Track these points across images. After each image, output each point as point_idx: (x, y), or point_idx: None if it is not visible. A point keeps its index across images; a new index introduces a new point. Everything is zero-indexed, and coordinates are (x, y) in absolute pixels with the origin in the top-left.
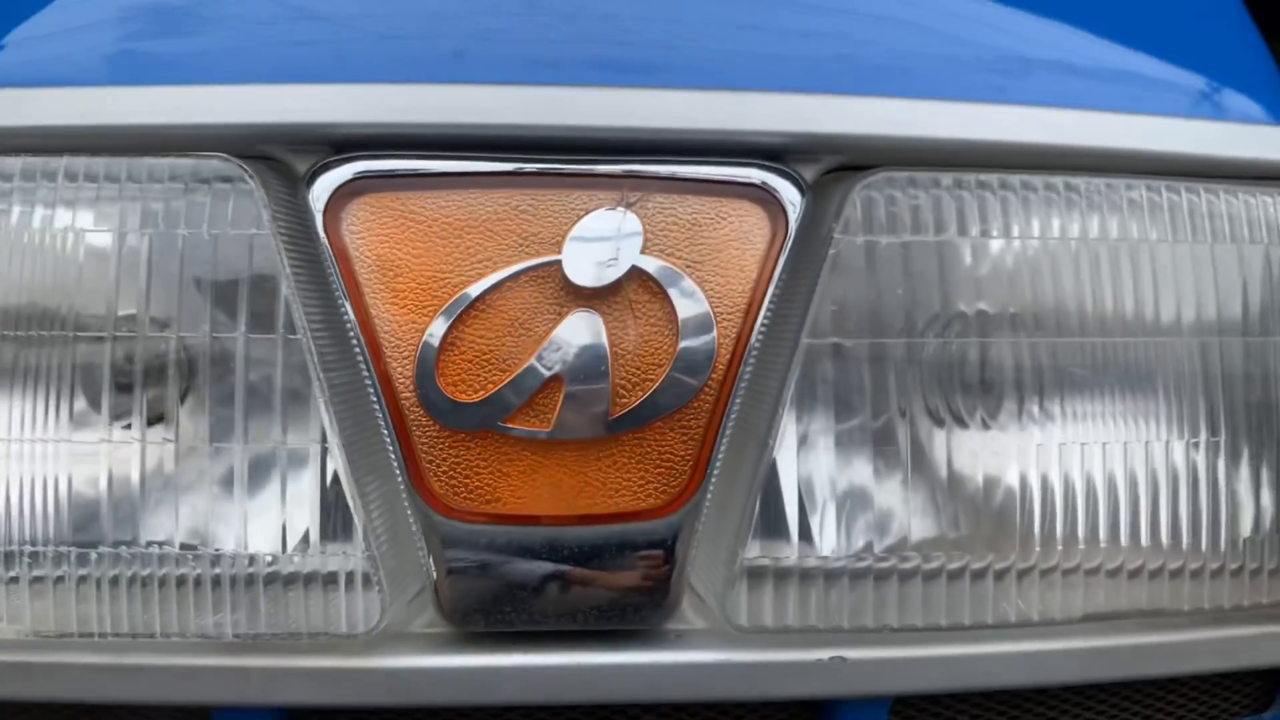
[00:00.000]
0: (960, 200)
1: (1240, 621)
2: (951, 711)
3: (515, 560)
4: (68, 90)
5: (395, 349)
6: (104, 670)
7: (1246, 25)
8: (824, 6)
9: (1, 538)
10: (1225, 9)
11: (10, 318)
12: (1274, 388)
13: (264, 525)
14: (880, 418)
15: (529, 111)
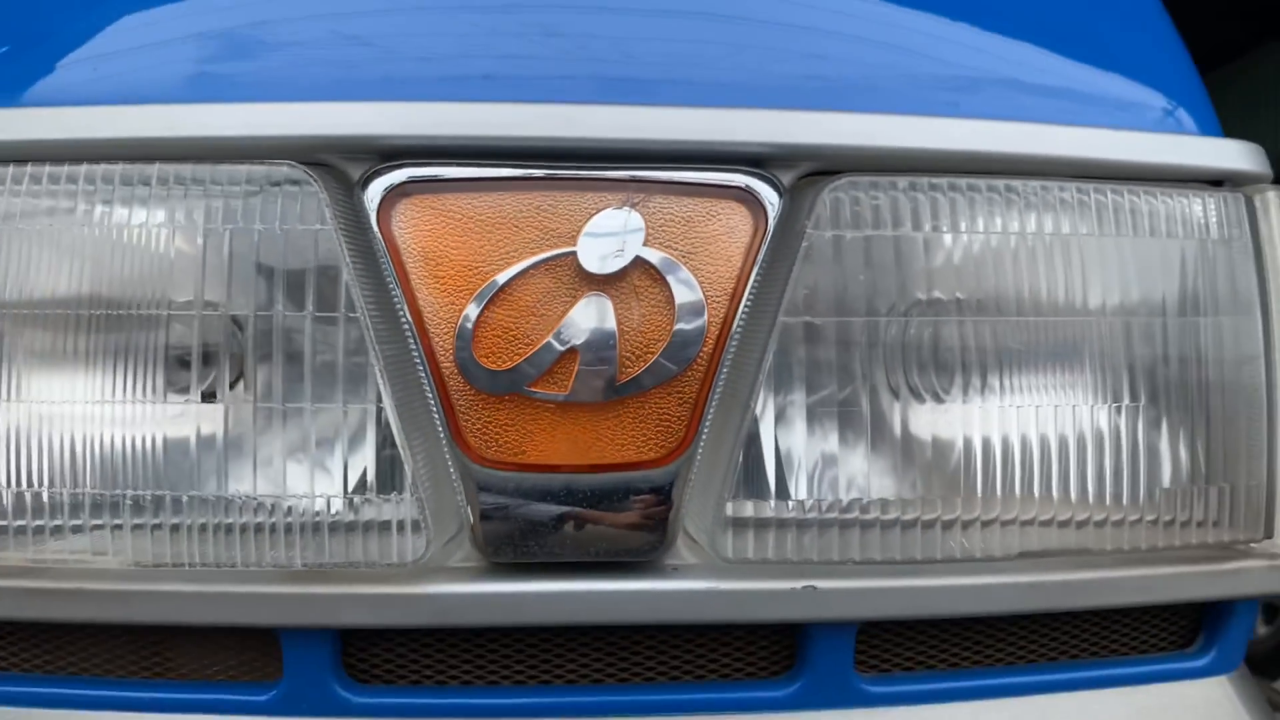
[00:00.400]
0: (915, 201)
1: (1158, 563)
2: (912, 637)
3: (538, 503)
4: (157, 107)
5: (438, 326)
6: (190, 596)
7: (1174, 43)
8: (801, 27)
9: (107, 486)
10: (1156, 30)
11: (114, 300)
12: (1189, 361)
13: (328, 474)
14: (846, 388)
15: (548, 125)
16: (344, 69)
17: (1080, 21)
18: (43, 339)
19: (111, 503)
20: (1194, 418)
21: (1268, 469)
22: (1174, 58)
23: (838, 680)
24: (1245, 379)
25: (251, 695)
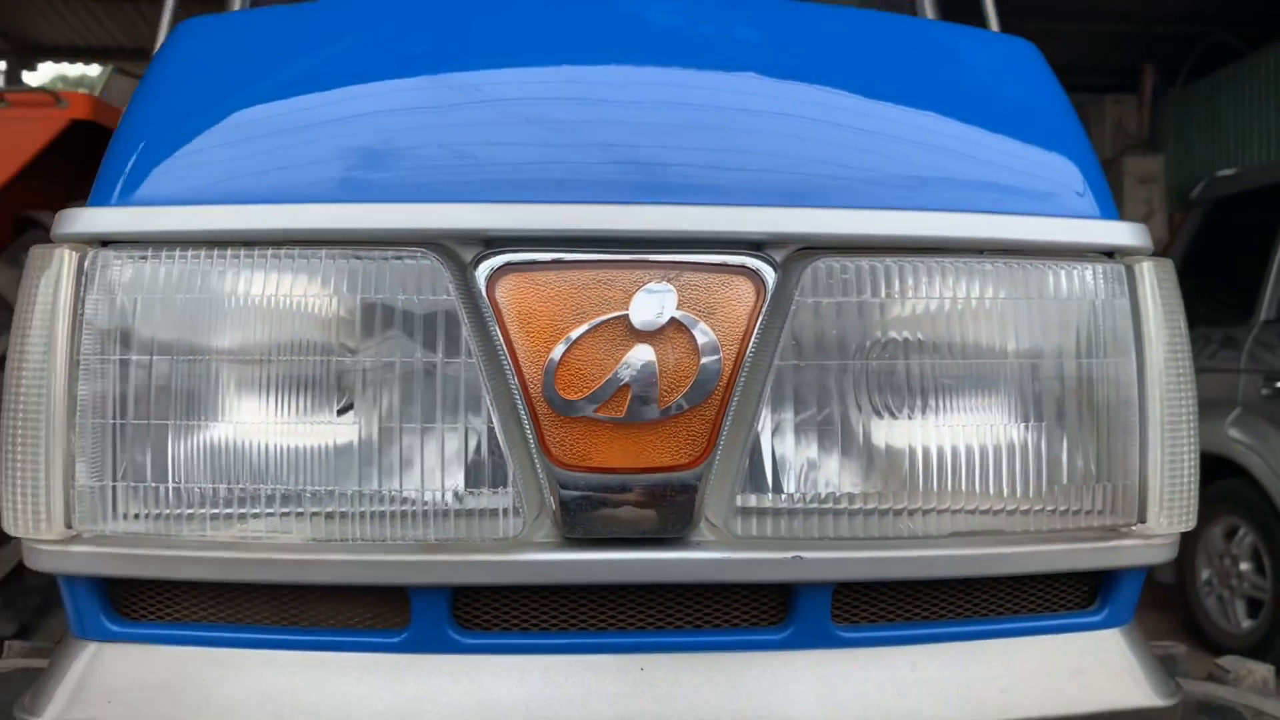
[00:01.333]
0: (874, 273)
1: (1058, 541)
2: (874, 596)
3: (601, 495)
4: (325, 206)
5: (530, 367)
6: (350, 564)
7: (1083, 144)
8: (791, 140)
9: (291, 483)
10: (1067, 134)
11: (288, 346)
12: (1081, 391)
13: (452, 474)
14: (824, 411)
15: (605, 220)
16: (456, 175)
17: (1008, 130)
18: (241, 373)
19: (295, 495)
20: (1085, 433)
21: (1140, 471)
22: (1081, 156)
23: (819, 628)
24: (1123, 404)
25: (386, 638)
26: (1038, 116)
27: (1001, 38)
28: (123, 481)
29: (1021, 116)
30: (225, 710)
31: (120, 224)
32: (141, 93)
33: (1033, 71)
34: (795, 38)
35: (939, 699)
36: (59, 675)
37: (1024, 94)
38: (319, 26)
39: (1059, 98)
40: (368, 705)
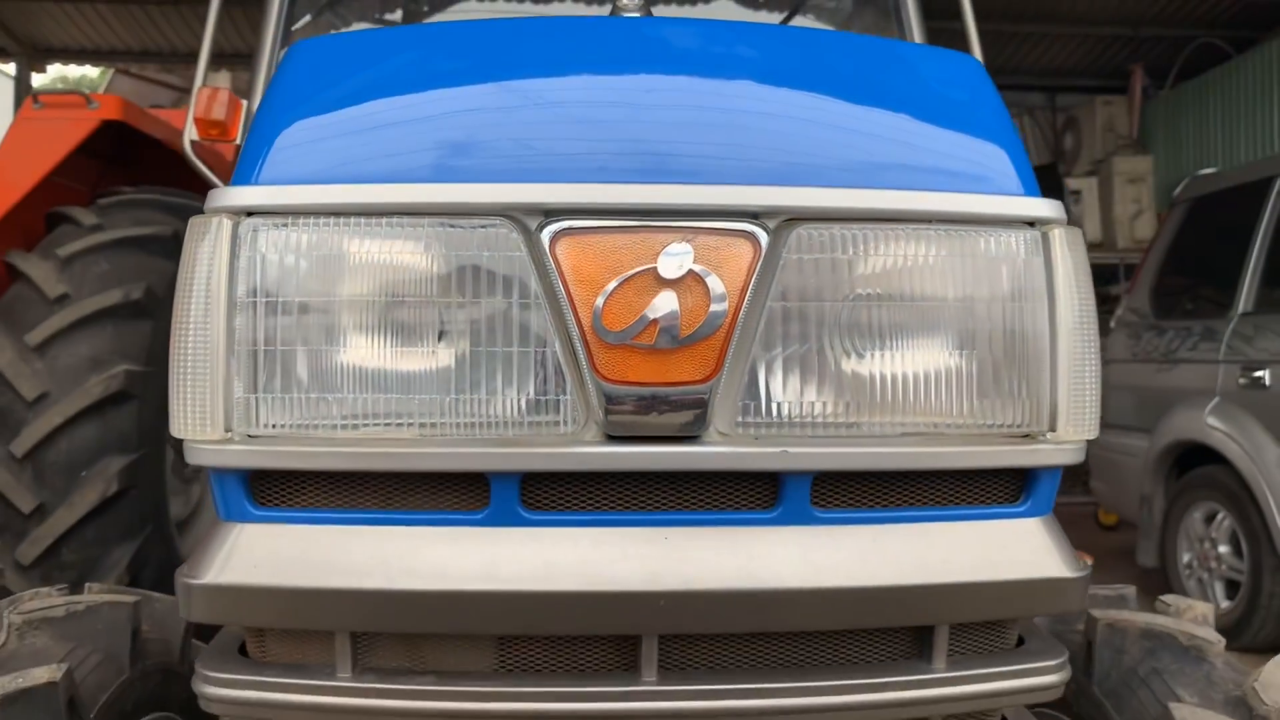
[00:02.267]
0: (845, 237)
1: (986, 443)
2: (843, 485)
3: (635, 403)
4: (424, 185)
5: (583, 307)
6: (448, 455)
7: (1012, 137)
8: (783, 135)
9: (405, 391)
10: (1000, 128)
11: (396, 292)
12: (1007, 327)
13: (525, 386)
14: (805, 344)
15: (639, 196)
16: (523, 162)
17: (953, 127)
18: (359, 313)
19: (403, 403)
20: (1008, 361)
21: (1050, 391)
22: (1011, 148)
23: (801, 510)
24: (1038, 339)
25: (470, 516)
26: (977, 117)
27: (951, 54)
28: (268, 394)
29: (964, 117)
30: (345, 571)
31: (262, 199)
32: (269, 96)
33: (975, 81)
34: (784, 55)
35: (893, 565)
36: (213, 549)
37: (967, 99)
38: (407, 45)
39: (995, 102)
40: (457, 565)
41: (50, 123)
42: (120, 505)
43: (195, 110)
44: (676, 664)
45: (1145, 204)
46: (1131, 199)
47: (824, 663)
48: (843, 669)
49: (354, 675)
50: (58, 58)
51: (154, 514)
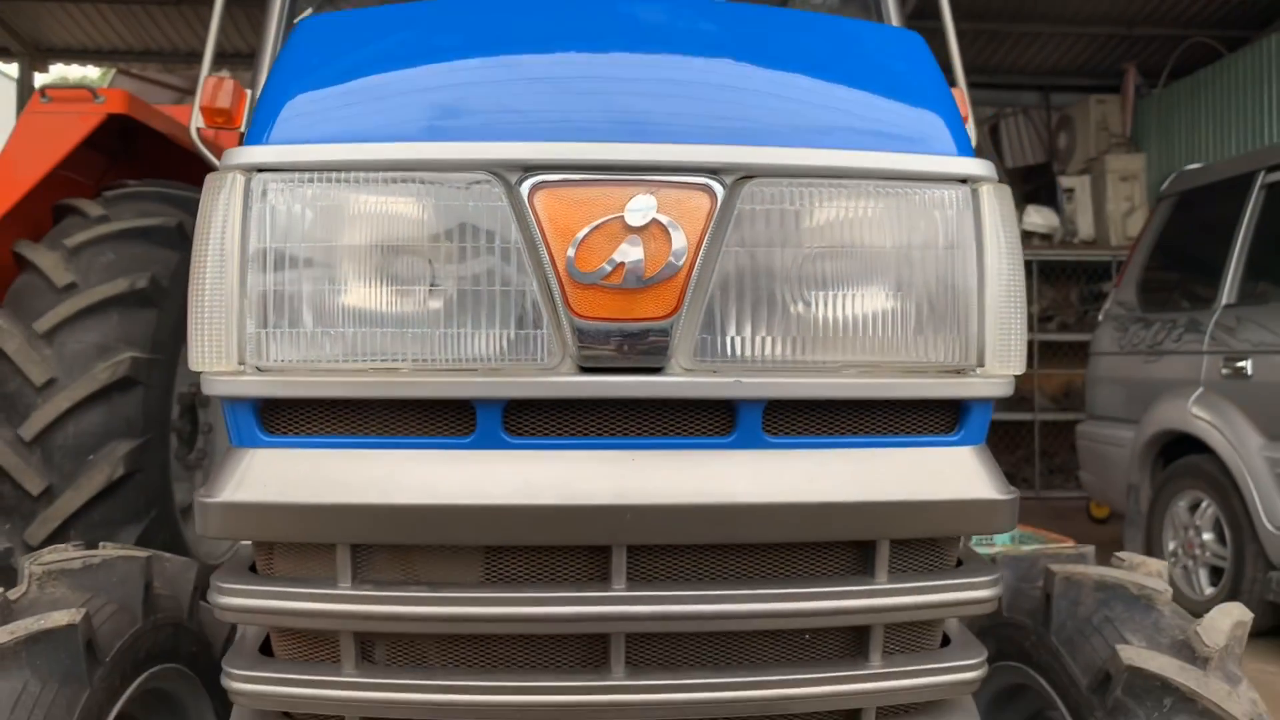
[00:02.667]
0: (794, 192)
1: (922, 376)
2: (791, 412)
3: (605, 338)
4: (416, 144)
5: (558, 252)
6: (439, 384)
7: (950, 105)
8: (738, 103)
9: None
10: (939, 97)
11: (392, 239)
12: (940, 272)
13: (506, 322)
14: (757, 284)
15: (609, 154)
16: (505, 123)
17: (895, 95)
18: (358, 259)
19: (399, 337)
20: (941, 303)
21: (979, 330)
22: (948, 114)
23: (754, 435)
24: (967, 282)
25: (459, 441)
26: (916, 85)
27: (895, 30)
28: (277, 331)
29: (904, 85)
30: (346, 488)
31: (270, 156)
32: (278, 66)
33: (915, 54)
34: (742, 28)
35: (837, 484)
36: (227, 472)
37: (907, 69)
38: (401, 21)
39: (934, 73)
40: (446, 483)
41: (58, 116)
42: (126, 489)
43: (202, 99)
44: (643, 575)
45: (1138, 201)
46: (1124, 196)
47: (775, 575)
48: (792, 581)
49: (353, 586)
50: (60, 57)
51: (159, 498)
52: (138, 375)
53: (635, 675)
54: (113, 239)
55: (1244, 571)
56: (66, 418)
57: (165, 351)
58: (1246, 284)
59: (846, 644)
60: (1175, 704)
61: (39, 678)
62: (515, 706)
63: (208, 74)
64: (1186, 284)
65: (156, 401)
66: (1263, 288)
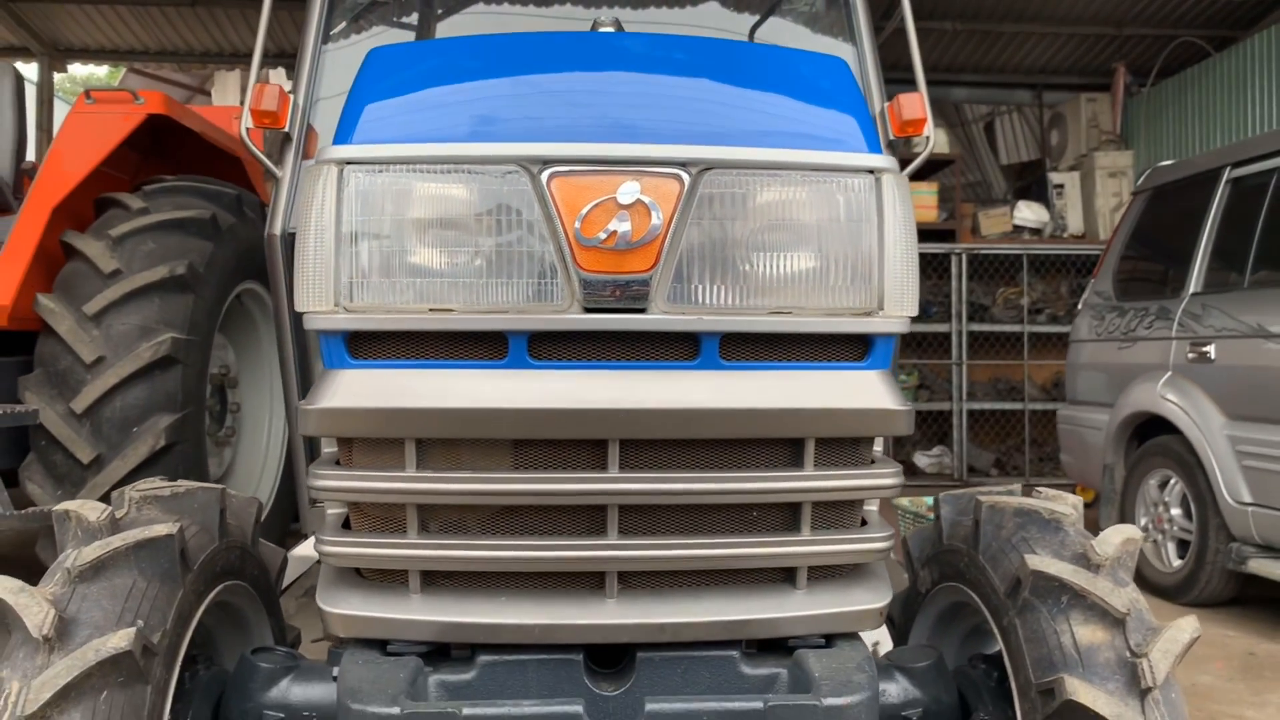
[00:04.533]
0: (743, 181)
1: (837, 316)
2: (739, 344)
3: (603, 286)
4: (461, 144)
5: (568, 224)
6: (480, 319)
7: (864, 112)
8: (701, 111)
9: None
10: (857, 107)
11: (446, 213)
12: (849, 239)
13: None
14: (715, 248)
15: (606, 152)
16: (530, 128)
17: (820, 106)
18: (421, 229)
19: (452, 284)
20: (851, 262)
21: (879, 281)
22: (863, 121)
23: (713, 360)
24: (871, 246)
25: (496, 363)
26: (838, 100)
27: (822, 56)
28: (361, 281)
29: (828, 100)
30: (414, 393)
31: (356, 153)
32: (357, 84)
33: (838, 74)
34: (707, 57)
35: (775, 396)
36: (322, 387)
37: (832, 88)
38: (450, 51)
39: (853, 89)
40: (487, 392)
41: (102, 117)
42: (167, 458)
43: (250, 102)
44: (632, 464)
45: (1126, 197)
46: (1112, 192)
47: (730, 465)
48: (742, 468)
49: (416, 471)
50: (77, 57)
51: (196, 468)
52: (177, 354)
53: (625, 538)
54: (152, 229)
55: (1208, 544)
56: (113, 393)
57: (200, 333)
58: (1212, 273)
59: (784, 519)
60: (1070, 600)
61: (144, 576)
62: (534, 560)
63: (255, 80)
64: (1158, 274)
65: (193, 379)
66: (1226, 277)
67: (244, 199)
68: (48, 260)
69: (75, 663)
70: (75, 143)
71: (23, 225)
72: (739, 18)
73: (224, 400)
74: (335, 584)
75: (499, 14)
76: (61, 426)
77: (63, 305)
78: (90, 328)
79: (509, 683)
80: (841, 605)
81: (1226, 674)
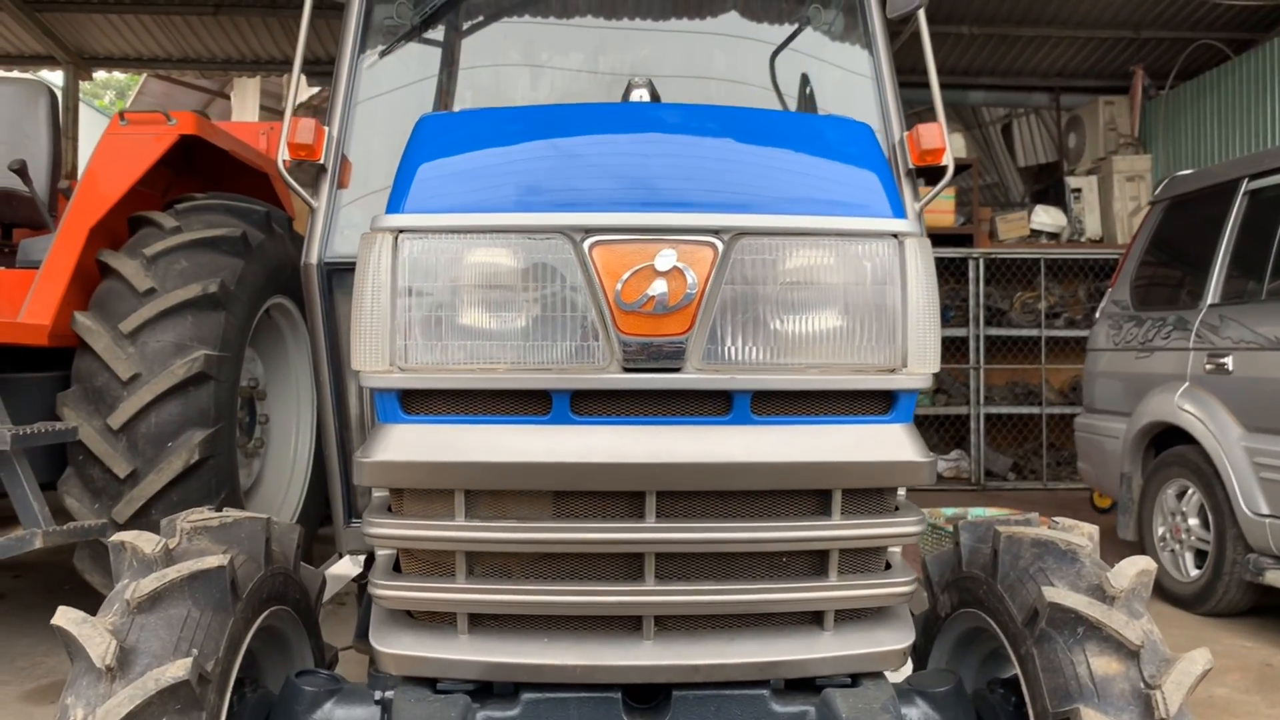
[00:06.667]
0: (774, 246)
1: (866, 374)
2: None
3: (644, 348)
4: (509, 214)
5: (608, 289)
6: (524, 378)
7: (889, 179)
8: (734, 179)
9: (497, 343)
10: (882, 173)
11: (493, 279)
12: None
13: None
14: (749, 313)
15: (644, 220)
16: (572, 199)
17: (847, 173)
18: (470, 293)
19: (499, 348)
20: (876, 323)
21: (902, 340)
22: (888, 186)
23: (745, 416)
24: (894, 306)
25: (540, 418)
26: (863, 165)
27: (848, 122)
28: (413, 342)
29: (853, 165)
30: (463, 448)
31: (409, 222)
32: (408, 154)
33: (863, 140)
34: (737, 127)
35: (806, 447)
36: (377, 441)
37: (856, 152)
38: (495, 122)
39: (877, 154)
40: (532, 446)
41: (136, 138)
42: (201, 472)
43: (287, 136)
44: (668, 514)
45: (1144, 201)
46: (1130, 196)
47: (761, 514)
48: (772, 518)
49: (465, 520)
50: (102, 65)
51: (228, 480)
52: (210, 370)
53: (661, 583)
54: (185, 248)
55: (1225, 554)
56: (149, 409)
57: (232, 349)
58: (1229, 285)
59: (813, 564)
60: (1086, 631)
61: (198, 606)
62: (576, 605)
63: (291, 113)
64: (1176, 284)
65: (225, 394)
66: (1244, 288)
67: (273, 215)
68: (84, 277)
69: (136, 692)
70: (110, 164)
71: (60, 246)
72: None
73: (253, 412)
74: (387, 624)
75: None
76: (98, 442)
77: (99, 323)
78: (126, 345)
79: (552, 719)
80: (867, 646)
81: (1243, 686)
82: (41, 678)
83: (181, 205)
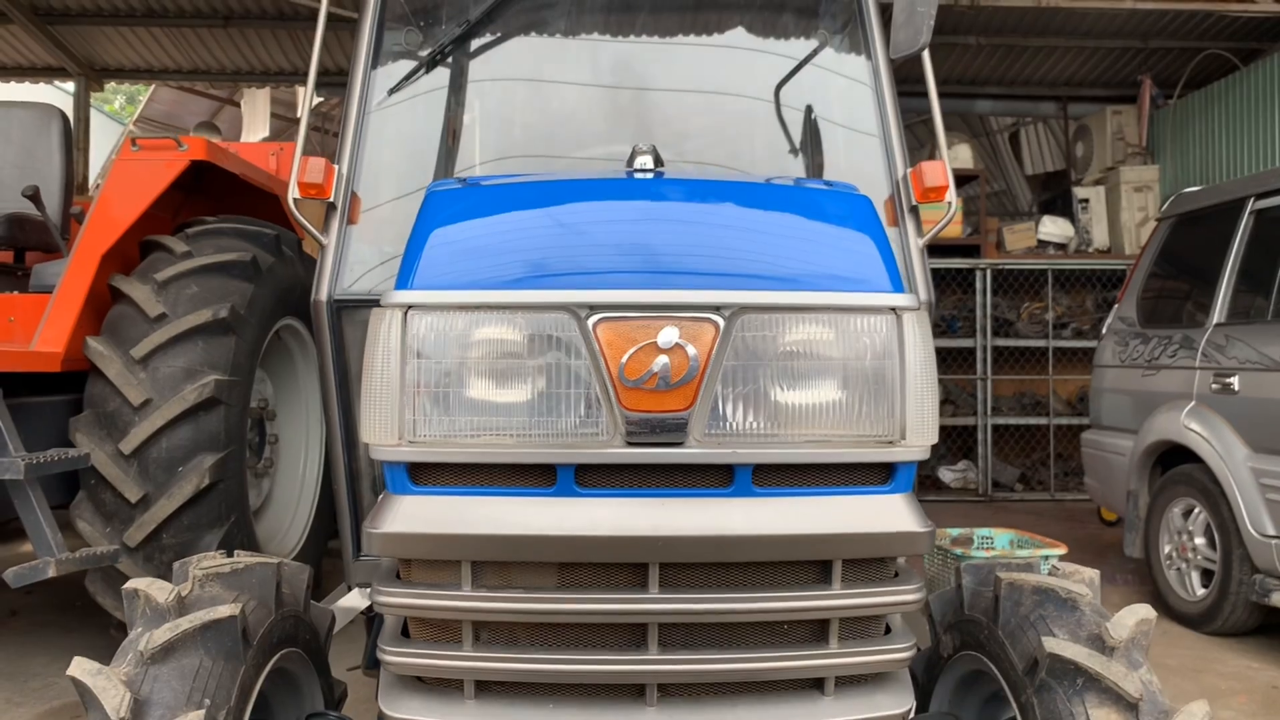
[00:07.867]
0: (774, 321)
1: (864, 446)
2: (771, 473)
3: (646, 424)
4: (515, 291)
5: (612, 365)
6: (531, 452)
7: (889, 255)
8: (735, 254)
9: (502, 418)
10: (881, 249)
11: (498, 354)
12: (874, 375)
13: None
14: (749, 387)
15: (646, 298)
16: (576, 276)
17: (845, 247)
18: (477, 368)
19: (504, 424)
20: (875, 395)
21: (901, 414)
22: (886, 259)
23: (746, 488)
24: (893, 381)
25: (544, 491)
26: (861, 238)
27: (847, 195)
28: (424, 417)
29: (852, 239)
30: (468, 521)
31: (418, 299)
32: (417, 228)
33: (862, 212)
34: (740, 201)
35: (806, 519)
36: (385, 511)
37: (856, 225)
38: (506, 196)
39: (876, 227)
40: (537, 519)
41: (147, 164)
42: (211, 496)
43: (298, 175)
44: (671, 584)
45: (1152, 211)
46: (1138, 207)
47: (762, 584)
48: (774, 588)
49: (472, 589)
50: (113, 77)
51: (238, 504)
52: (220, 395)
53: (664, 652)
54: (196, 273)
55: (1231, 575)
56: (160, 434)
57: (242, 373)
58: (1236, 304)
59: (813, 632)
60: (1085, 682)
61: (210, 655)
62: (581, 674)
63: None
64: (1182, 302)
65: (235, 418)
66: (1250, 308)
67: (283, 238)
68: (96, 301)
69: None
70: (123, 190)
71: (73, 273)
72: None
73: (262, 433)
74: (396, 688)
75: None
76: (110, 467)
77: (111, 349)
78: (138, 371)
79: None
80: (867, 711)
81: (1250, 709)
82: (54, 699)
83: (192, 229)
